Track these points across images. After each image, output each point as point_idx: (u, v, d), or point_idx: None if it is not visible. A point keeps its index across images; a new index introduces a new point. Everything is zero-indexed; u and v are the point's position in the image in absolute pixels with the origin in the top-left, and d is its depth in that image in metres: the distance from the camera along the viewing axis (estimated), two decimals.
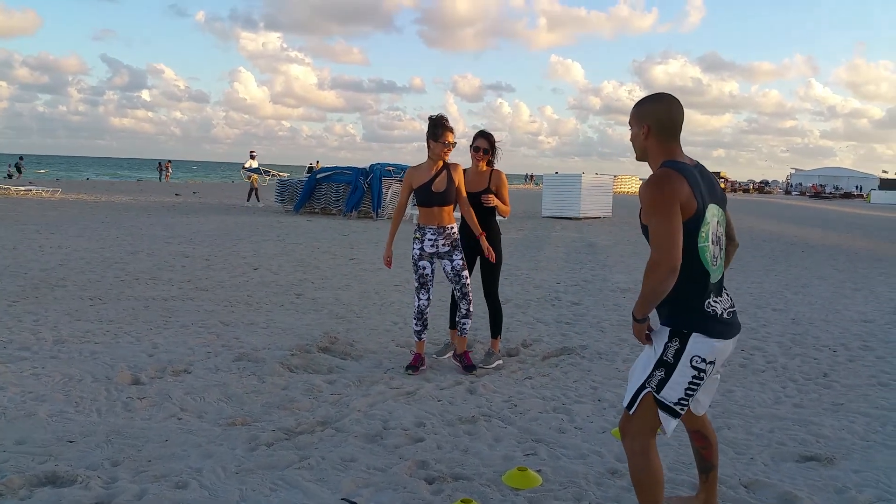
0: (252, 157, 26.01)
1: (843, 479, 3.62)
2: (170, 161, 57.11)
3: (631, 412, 2.82)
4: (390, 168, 22.59)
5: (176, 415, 4.44)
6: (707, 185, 2.78)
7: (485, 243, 5.43)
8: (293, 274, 10.30)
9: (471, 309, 5.52)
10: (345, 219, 20.96)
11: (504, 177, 5.82)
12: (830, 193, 67.10)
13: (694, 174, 2.74)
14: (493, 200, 5.60)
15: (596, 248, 15.37)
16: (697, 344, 2.72)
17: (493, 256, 5.46)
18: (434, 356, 5.91)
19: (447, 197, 5.34)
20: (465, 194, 5.48)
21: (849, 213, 36.00)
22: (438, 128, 5.29)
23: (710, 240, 2.73)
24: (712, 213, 2.76)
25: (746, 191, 79.23)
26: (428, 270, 5.45)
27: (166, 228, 16.26)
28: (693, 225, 2.68)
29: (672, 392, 2.74)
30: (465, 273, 5.47)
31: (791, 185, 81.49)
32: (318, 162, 44.27)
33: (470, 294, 5.48)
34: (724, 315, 2.78)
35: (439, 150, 5.30)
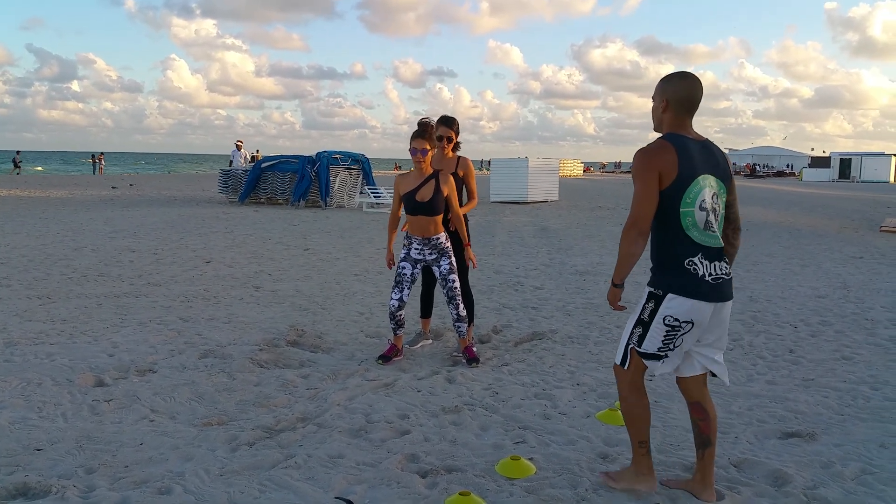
0: (238, 148, 24.88)
1: (827, 453, 3.69)
2: (102, 153, 55.07)
3: (625, 367, 3.18)
4: (337, 156, 22.30)
5: (147, 417, 4.26)
6: (705, 158, 3.02)
7: (470, 253, 5.44)
8: (248, 266, 10.06)
9: (460, 313, 5.32)
10: (293, 208, 20.61)
11: (471, 164, 5.75)
12: (764, 172, 69.04)
13: (688, 145, 2.99)
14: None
15: (549, 231, 15.46)
16: (672, 303, 2.98)
17: (475, 264, 5.47)
18: (406, 346, 5.83)
19: (432, 207, 5.18)
20: (456, 205, 5.33)
21: (784, 191, 37.08)
22: (413, 136, 5.16)
23: (695, 205, 2.96)
24: (705, 182, 2.98)
25: None
26: (407, 271, 5.35)
27: (108, 222, 15.72)
28: (675, 189, 2.94)
29: (651, 344, 3.07)
30: (453, 277, 5.30)
31: None
32: (258, 151, 43.38)
33: (457, 298, 5.31)
34: (708, 278, 2.98)
35: (414, 159, 5.19)
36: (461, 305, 5.33)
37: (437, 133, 5.48)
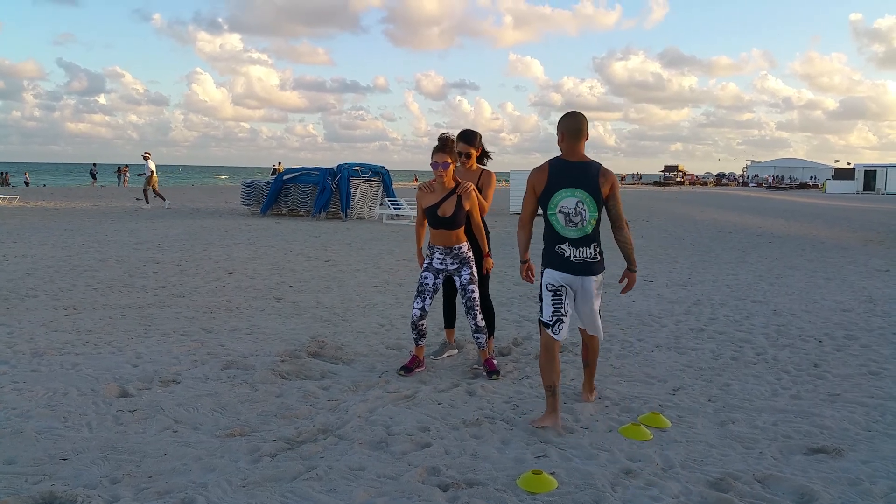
0: (145, 159, 24.59)
1: (855, 470, 3.63)
2: (127, 166, 55.71)
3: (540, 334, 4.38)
4: (358, 168, 22.40)
5: (170, 427, 4.29)
6: (577, 176, 4.20)
7: (489, 263, 5.44)
8: (270, 277, 10.13)
9: (479, 324, 5.34)
10: (313, 220, 20.73)
11: (493, 177, 5.73)
12: (787, 184, 68.39)
13: (562, 166, 4.25)
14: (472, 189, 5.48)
15: None
16: (547, 275, 4.31)
17: (487, 270, 5.48)
18: (431, 357, 5.83)
19: (454, 222, 5.25)
20: (478, 218, 5.36)
21: (807, 203, 36.71)
22: (434, 150, 5.22)
23: (556, 209, 4.22)
24: (566, 194, 4.20)
25: (705, 184, 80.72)
26: (429, 281, 5.38)
27: (132, 234, 15.89)
28: (544, 197, 4.26)
29: (546, 311, 4.30)
30: (472, 287, 5.32)
31: (748, 177, 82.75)
32: (280, 163, 43.72)
33: (476, 308, 5.32)
34: (572, 258, 4.24)
35: (435, 173, 5.24)
36: (479, 316, 5.34)
37: (456, 149, 5.49)
